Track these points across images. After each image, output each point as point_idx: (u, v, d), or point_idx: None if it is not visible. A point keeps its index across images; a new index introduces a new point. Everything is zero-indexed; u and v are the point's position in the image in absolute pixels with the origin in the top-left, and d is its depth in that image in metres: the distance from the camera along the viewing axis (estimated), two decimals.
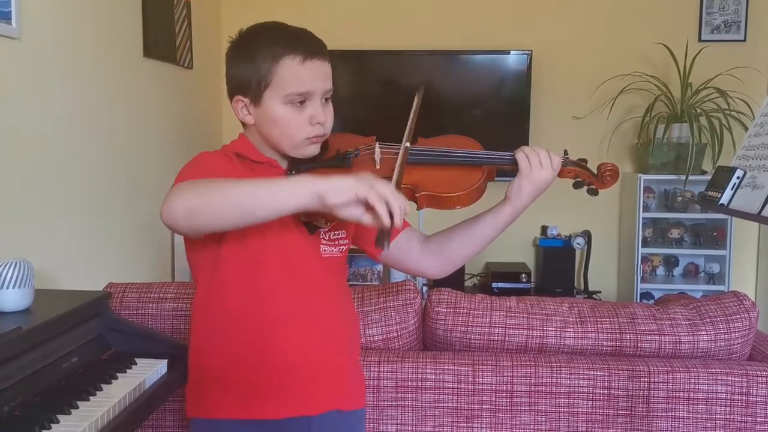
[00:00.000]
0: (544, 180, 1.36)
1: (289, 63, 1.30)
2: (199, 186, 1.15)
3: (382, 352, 1.92)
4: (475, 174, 1.37)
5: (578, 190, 1.43)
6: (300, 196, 1.10)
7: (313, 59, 1.31)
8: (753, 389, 1.86)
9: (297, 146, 1.35)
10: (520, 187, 1.37)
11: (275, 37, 1.32)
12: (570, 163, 1.41)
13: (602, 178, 1.40)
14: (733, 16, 4.01)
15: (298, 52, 1.30)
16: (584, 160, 1.43)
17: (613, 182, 1.40)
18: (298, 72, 1.30)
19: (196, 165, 1.32)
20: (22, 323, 1.33)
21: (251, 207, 1.12)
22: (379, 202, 1.08)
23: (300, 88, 1.31)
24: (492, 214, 1.42)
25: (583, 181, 1.42)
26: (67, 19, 2.39)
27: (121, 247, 2.81)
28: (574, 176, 1.41)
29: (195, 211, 1.13)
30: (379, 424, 1.89)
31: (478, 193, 1.37)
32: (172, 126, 3.41)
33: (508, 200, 1.40)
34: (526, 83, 4.01)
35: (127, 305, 1.98)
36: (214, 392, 1.37)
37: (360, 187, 1.08)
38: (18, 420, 1.20)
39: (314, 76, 1.32)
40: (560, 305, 2.00)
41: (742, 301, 1.97)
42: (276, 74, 1.30)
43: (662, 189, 4.02)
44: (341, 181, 1.10)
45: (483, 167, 1.39)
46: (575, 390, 1.87)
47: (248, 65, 1.32)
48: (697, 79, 3.80)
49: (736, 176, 1.27)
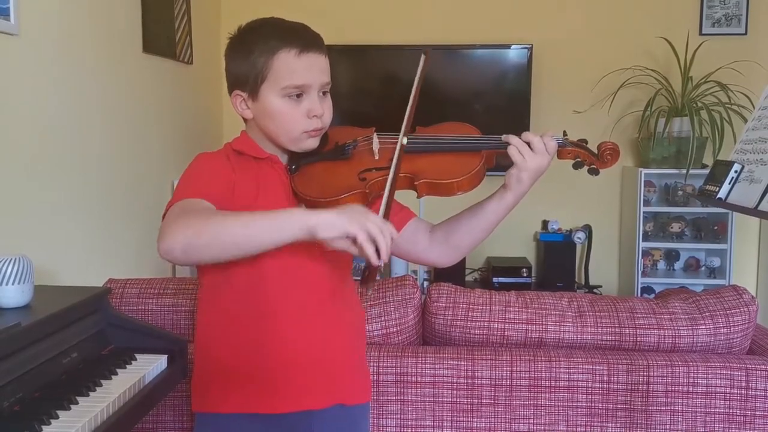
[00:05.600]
0: (540, 166, 1.35)
1: (285, 56, 1.31)
2: (193, 222, 1.17)
3: (381, 347, 1.92)
4: (474, 159, 1.36)
5: (578, 170, 1.41)
6: (292, 232, 1.14)
7: (308, 52, 1.32)
8: (752, 383, 1.86)
9: (295, 140, 1.35)
10: (519, 178, 1.36)
11: (271, 32, 1.33)
12: (569, 143, 1.39)
13: (603, 157, 1.38)
14: (734, 9, 4.00)
15: (294, 46, 1.31)
16: (584, 140, 1.42)
17: (614, 161, 1.39)
18: (294, 65, 1.31)
19: (193, 178, 1.32)
20: (21, 319, 1.33)
21: (246, 244, 1.16)
22: (367, 243, 1.11)
23: (296, 81, 1.31)
24: (495, 201, 1.41)
25: (583, 161, 1.40)
26: (65, 15, 2.39)
27: (121, 243, 2.82)
28: (573, 156, 1.40)
29: (191, 250, 1.17)
30: (379, 419, 1.89)
31: (478, 178, 1.36)
32: (172, 121, 3.41)
33: (508, 188, 1.39)
34: (527, 77, 4.00)
35: (127, 301, 1.99)
36: (219, 387, 1.38)
37: (350, 226, 1.12)
38: (18, 415, 1.20)
39: (310, 69, 1.32)
40: (559, 300, 2.01)
41: (741, 295, 1.97)
42: (272, 68, 1.31)
43: (663, 183, 4.02)
44: (333, 218, 1.13)
45: (481, 152, 1.38)
46: (574, 384, 1.88)
47: (245, 60, 1.33)
48: (698, 73, 3.80)
49: (733, 170, 1.27)
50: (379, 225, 1.13)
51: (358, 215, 1.13)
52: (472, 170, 1.34)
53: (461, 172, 1.34)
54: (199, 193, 1.26)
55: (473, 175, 1.34)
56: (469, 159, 1.37)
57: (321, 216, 1.13)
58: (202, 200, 1.25)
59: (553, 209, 4.05)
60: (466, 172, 1.34)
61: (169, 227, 1.18)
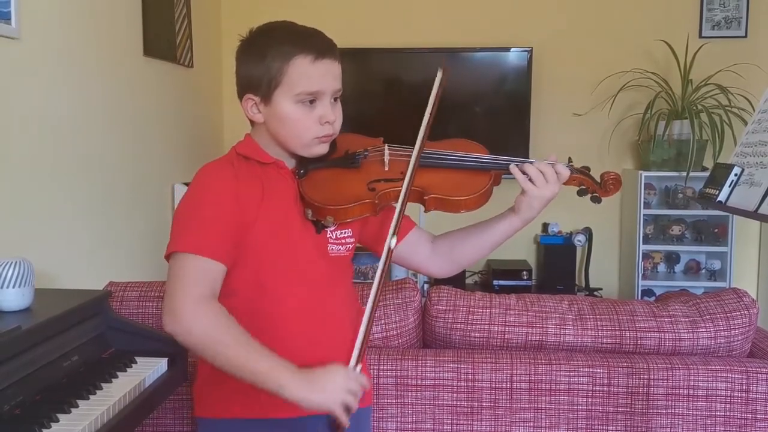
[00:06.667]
0: (551, 194, 1.39)
1: (301, 62, 1.30)
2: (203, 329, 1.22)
3: (381, 350, 1.92)
4: (483, 178, 1.39)
5: (582, 197, 1.45)
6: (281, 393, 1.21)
7: (323, 59, 1.32)
8: (753, 386, 1.86)
9: (306, 145, 1.35)
10: (530, 205, 1.39)
11: (286, 36, 1.33)
12: (575, 171, 1.42)
13: (605, 186, 1.43)
14: (733, 12, 4.01)
15: (310, 52, 1.31)
16: (587, 168, 1.45)
17: (616, 190, 1.43)
18: (309, 71, 1.31)
19: (199, 218, 1.30)
20: (22, 322, 1.34)
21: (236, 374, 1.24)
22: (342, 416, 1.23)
23: (310, 88, 1.31)
24: (504, 224, 1.44)
25: (587, 189, 1.44)
26: (66, 18, 2.39)
27: (122, 246, 2.82)
28: (578, 184, 1.43)
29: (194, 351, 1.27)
30: (379, 422, 1.89)
31: (485, 198, 1.39)
32: (172, 124, 3.41)
33: (518, 213, 1.42)
34: (527, 80, 4.01)
35: (127, 304, 1.99)
36: (221, 392, 1.38)
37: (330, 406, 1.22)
38: (19, 419, 1.20)
39: (325, 76, 1.33)
40: (560, 302, 2.01)
41: (741, 298, 1.97)
42: (287, 73, 1.30)
43: (663, 186, 4.02)
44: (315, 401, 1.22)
45: (491, 172, 1.40)
46: (575, 387, 1.87)
47: (259, 64, 1.32)
48: (698, 76, 3.80)
49: (733, 173, 1.27)
50: (355, 392, 1.24)
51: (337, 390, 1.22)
52: (481, 189, 1.37)
53: (471, 191, 1.37)
54: (203, 249, 1.25)
55: (481, 194, 1.37)
56: (479, 178, 1.39)
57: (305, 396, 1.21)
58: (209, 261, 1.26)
59: (554, 212, 4.03)
60: (475, 191, 1.37)
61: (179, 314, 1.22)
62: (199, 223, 1.29)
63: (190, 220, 1.30)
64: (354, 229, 1.44)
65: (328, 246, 1.40)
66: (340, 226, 1.41)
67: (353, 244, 1.45)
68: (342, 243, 1.42)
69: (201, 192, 1.33)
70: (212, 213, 1.29)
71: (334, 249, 1.41)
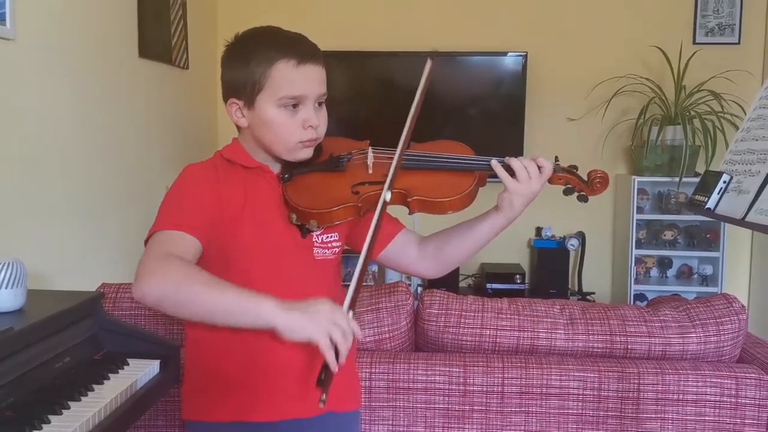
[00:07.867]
0: (534, 191, 1.37)
1: (283, 67, 1.31)
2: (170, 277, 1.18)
3: (374, 353, 1.93)
4: (467, 179, 1.38)
5: (568, 196, 1.44)
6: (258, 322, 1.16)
7: (306, 64, 1.33)
8: (742, 391, 1.87)
9: (290, 150, 1.36)
10: (511, 202, 1.38)
11: (270, 41, 1.34)
12: (560, 169, 1.41)
13: (592, 185, 1.41)
14: (727, 19, 4.03)
15: (292, 57, 1.31)
16: (574, 167, 1.44)
17: (603, 189, 1.41)
18: (292, 76, 1.31)
19: (176, 204, 1.33)
20: (14, 323, 1.33)
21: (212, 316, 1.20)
22: (328, 350, 1.14)
23: (293, 92, 1.32)
24: (488, 222, 1.43)
25: (573, 188, 1.42)
26: (62, 19, 2.40)
27: (115, 248, 2.82)
28: (564, 183, 1.42)
29: (163, 304, 1.21)
30: (371, 426, 1.90)
31: (470, 198, 1.38)
32: (167, 126, 3.41)
33: (500, 211, 1.41)
34: (522, 84, 4.02)
35: (120, 306, 1.99)
36: (209, 395, 1.39)
37: (313, 333, 1.14)
38: (9, 420, 1.20)
39: (308, 81, 1.33)
40: (551, 307, 2.01)
41: (731, 304, 1.98)
42: (270, 78, 1.31)
43: (656, 191, 4.04)
44: (297, 323, 1.14)
45: (474, 173, 1.39)
46: (566, 391, 1.88)
47: (243, 68, 1.33)
48: (691, 82, 3.82)
49: (722, 181, 1.28)
50: (343, 328, 1.15)
51: (323, 319, 1.14)
52: (465, 190, 1.36)
53: (454, 192, 1.36)
54: (181, 225, 1.27)
55: (465, 195, 1.36)
56: (462, 179, 1.38)
57: (287, 319, 1.15)
58: (184, 235, 1.26)
59: (547, 216, 4.06)
60: (458, 192, 1.36)
61: (147, 272, 1.19)
62: (177, 208, 1.32)
63: (169, 208, 1.32)
64: (341, 232, 1.44)
65: (314, 250, 1.40)
66: (325, 230, 1.41)
67: (340, 248, 1.46)
68: (328, 247, 1.42)
69: (181, 186, 1.36)
70: (191, 201, 1.32)
71: (319, 253, 1.41)
